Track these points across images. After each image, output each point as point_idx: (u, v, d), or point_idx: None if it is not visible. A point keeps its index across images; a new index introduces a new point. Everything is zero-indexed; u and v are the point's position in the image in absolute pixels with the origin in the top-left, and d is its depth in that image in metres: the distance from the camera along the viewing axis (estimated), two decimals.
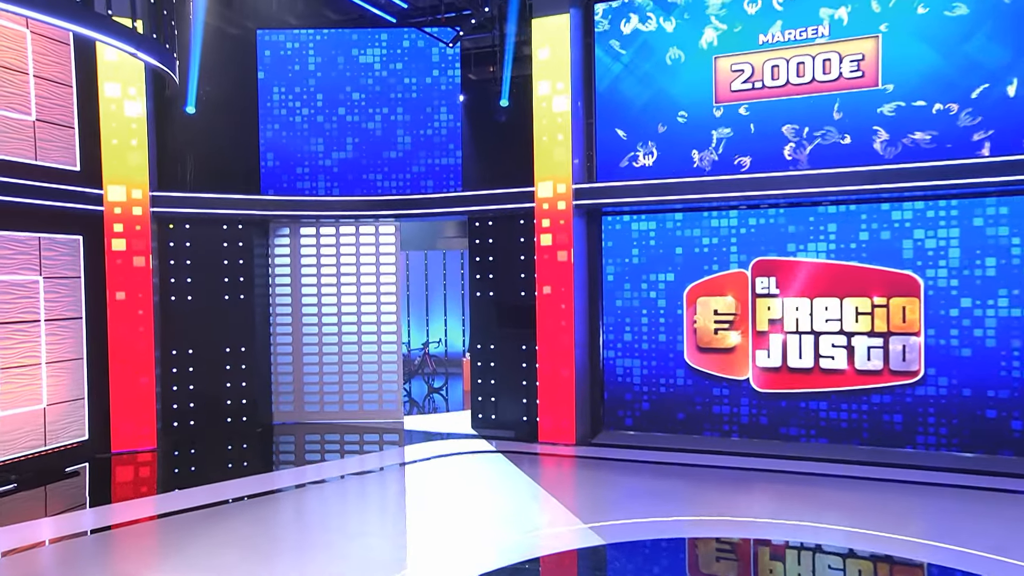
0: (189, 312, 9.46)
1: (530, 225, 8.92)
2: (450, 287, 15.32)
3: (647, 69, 8.63)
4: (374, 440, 9.38)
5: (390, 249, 10.16)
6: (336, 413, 10.27)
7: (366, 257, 10.20)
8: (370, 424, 10.12)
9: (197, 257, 9.53)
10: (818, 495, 6.73)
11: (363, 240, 10.19)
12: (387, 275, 10.22)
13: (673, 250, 8.76)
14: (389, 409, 10.24)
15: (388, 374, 10.16)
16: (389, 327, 10.18)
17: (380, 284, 10.16)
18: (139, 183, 8.75)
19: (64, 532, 6.15)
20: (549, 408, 8.65)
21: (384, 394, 10.18)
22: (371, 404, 10.29)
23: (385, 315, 10.16)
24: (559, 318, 8.57)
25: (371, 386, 10.24)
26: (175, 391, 9.48)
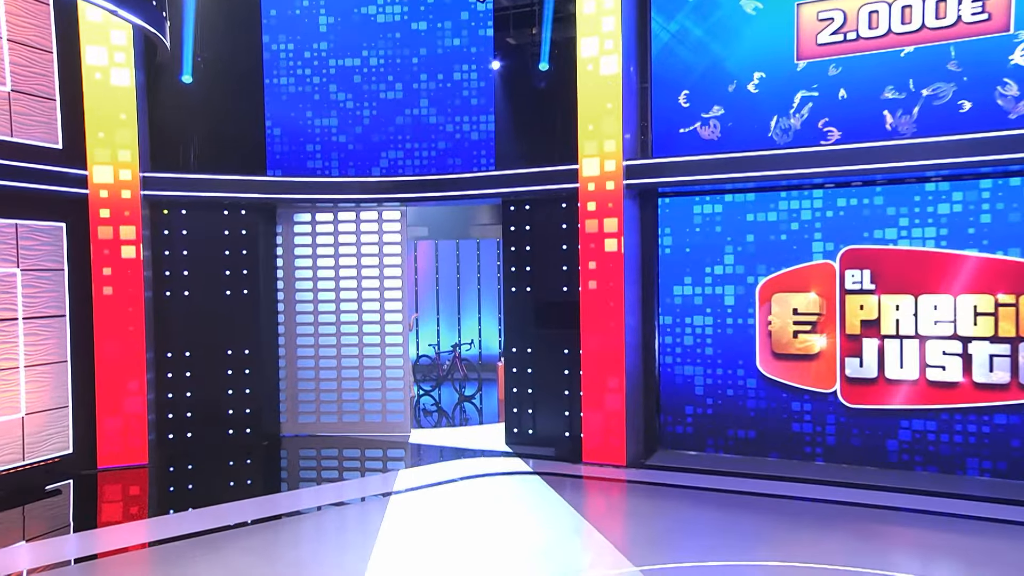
0: (186, 309, 9.34)
1: (573, 209, 8.64)
2: (485, 281, 15.22)
3: (713, 22, 8.24)
4: (399, 457, 9.21)
5: (395, 238, 9.95)
6: (356, 424, 10.11)
7: (369, 247, 10.03)
8: (391, 438, 9.96)
9: (195, 247, 9.39)
10: (925, 538, 6.21)
11: (367, 228, 10.01)
12: (391, 267, 10.01)
13: (743, 237, 8.39)
14: (395, 421, 10.09)
15: (393, 380, 10.02)
16: (393, 325, 9.98)
17: (384, 278, 9.97)
18: (128, 163, 8.59)
19: (43, 561, 6.04)
20: (595, 423, 8.37)
21: (392, 404, 10.02)
22: (395, 415, 10.12)
23: (389, 312, 9.98)
24: (607, 317, 8.25)
25: (375, 395, 10.13)
26: (170, 399, 9.36)
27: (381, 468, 8.86)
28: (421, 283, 15.28)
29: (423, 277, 15.34)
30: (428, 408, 12.26)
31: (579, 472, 8.12)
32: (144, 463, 8.69)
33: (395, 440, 9.89)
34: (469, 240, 15.19)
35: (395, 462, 9.01)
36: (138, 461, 8.68)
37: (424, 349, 14.50)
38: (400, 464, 8.85)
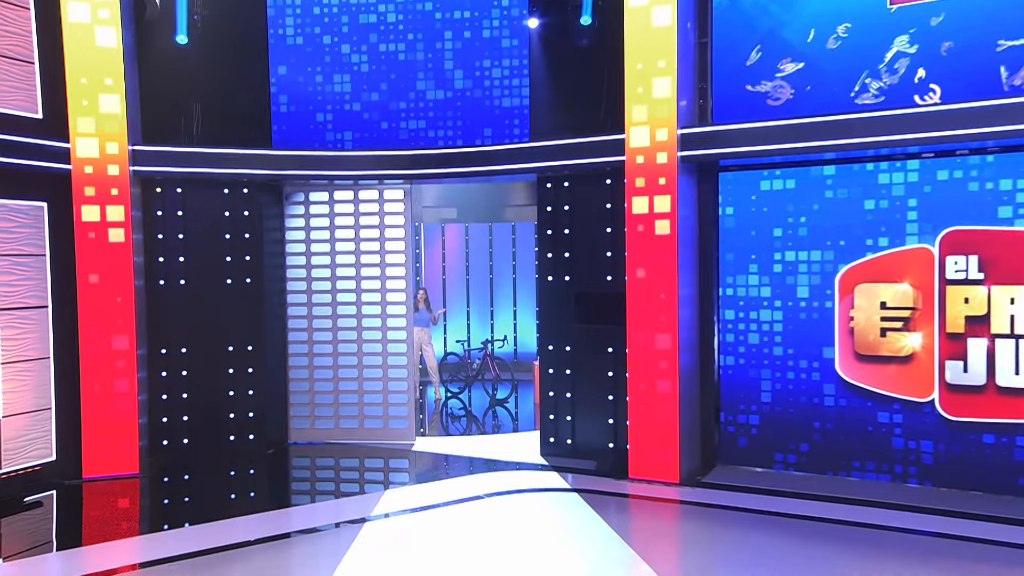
0: (182, 300, 9.26)
1: (619, 186, 8.37)
2: (521, 270, 15.15)
3: None
4: (418, 470, 9.08)
5: (397, 220, 9.82)
6: (379, 431, 9.99)
7: (369, 231, 9.92)
8: (412, 448, 9.82)
9: (191, 230, 9.29)
10: None
11: (373, 208, 9.89)
12: (394, 253, 9.86)
13: (821, 218, 8.01)
14: (397, 428, 9.96)
15: (396, 381, 9.92)
16: (396, 319, 9.86)
17: (385, 265, 9.84)
18: (115, 134, 8.45)
19: None
20: (643, 433, 8.11)
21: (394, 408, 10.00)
22: (400, 421, 10.00)
23: (392, 304, 9.88)
24: (657, 311, 7.95)
25: (377, 397, 10.03)
26: (164, 400, 9.30)
27: (402, 481, 8.73)
28: (449, 271, 15.22)
29: (451, 264, 15.26)
30: (456, 412, 12.17)
31: (624, 490, 7.89)
32: (135, 473, 8.64)
33: (415, 450, 9.72)
34: (503, 223, 15.07)
35: (410, 475, 8.89)
36: (128, 470, 8.63)
37: (452, 346, 14.39)
38: (429, 477, 8.71)
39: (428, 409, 12.36)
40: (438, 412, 12.06)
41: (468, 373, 13.40)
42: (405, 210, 9.79)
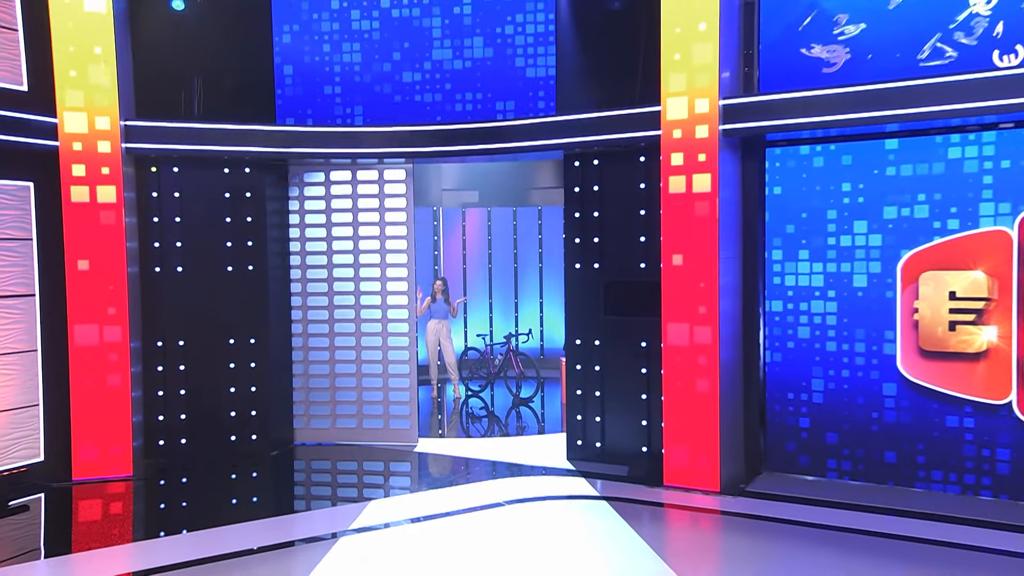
0: (179, 289, 9.23)
1: (654, 163, 8.24)
2: (548, 258, 15.14)
3: None
4: (439, 473, 9.07)
5: (398, 203, 9.75)
6: (382, 432, 9.97)
7: (367, 214, 9.84)
8: (420, 451, 9.81)
9: (190, 212, 9.25)
10: None
11: (372, 190, 9.84)
12: (396, 239, 9.80)
13: (882, 198, 7.75)
14: (400, 431, 9.98)
15: (397, 378, 9.90)
16: (398, 309, 9.85)
17: (386, 252, 9.80)
18: (106, 108, 8.38)
19: None
20: (680, 435, 7.99)
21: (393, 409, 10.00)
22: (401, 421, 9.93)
23: (393, 293, 9.85)
24: (696, 301, 7.80)
25: (400, 395, 9.98)
26: (160, 397, 9.27)
27: (409, 487, 8.70)
28: (471, 259, 15.23)
29: (473, 252, 15.26)
30: (476, 412, 12.13)
31: (659, 498, 7.79)
32: (128, 475, 8.65)
33: (423, 452, 9.69)
34: (529, 208, 15.04)
35: (424, 480, 8.86)
36: (121, 472, 8.63)
37: (472, 340, 14.38)
38: (445, 482, 8.68)
39: (447, 409, 12.39)
40: (457, 412, 12.07)
41: (489, 370, 13.35)
42: (407, 192, 9.70)
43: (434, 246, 14.80)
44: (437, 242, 14.76)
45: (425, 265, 14.55)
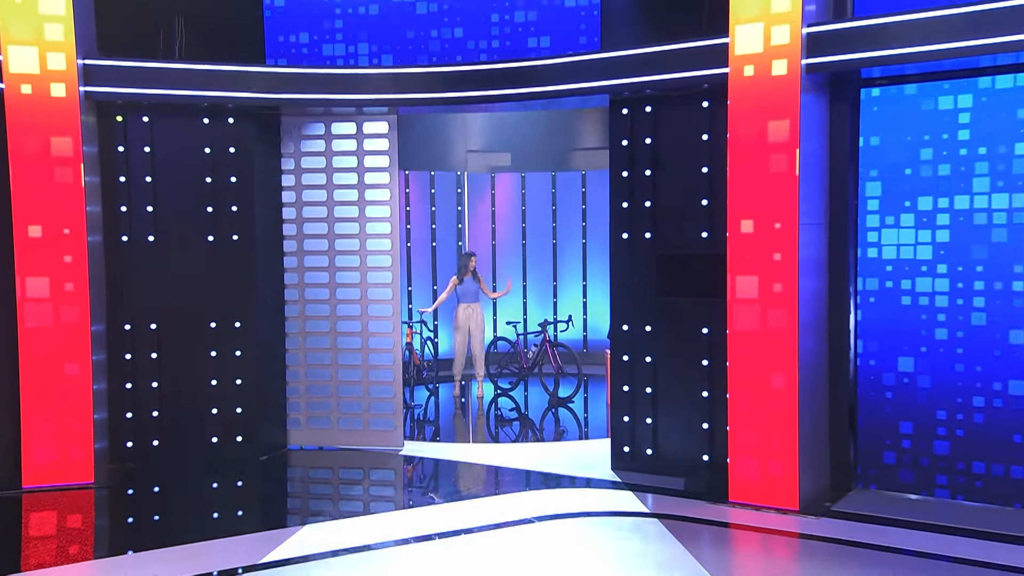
0: (151, 262, 9.24)
1: (720, 109, 8.06)
2: (593, 232, 15.14)
3: None
4: (468, 485, 9.16)
5: (381, 161, 9.71)
6: (383, 435, 9.98)
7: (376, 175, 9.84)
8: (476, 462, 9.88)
9: (163, 170, 9.23)
10: None
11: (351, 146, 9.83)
12: (378, 222, 9.77)
13: (1010, 148, 7.53)
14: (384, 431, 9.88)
15: (379, 369, 9.93)
16: (381, 288, 9.88)
17: (366, 221, 9.78)
18: (60, 43, 8.34)
19: None
20: (750, 442, 7.86)
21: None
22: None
23: (375, 271, 9.86)
24: (771, 279, 7.65)
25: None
26: (128, 391, 9.26)
27: (428, 497, 8.72)
28: (501, 234, 15.27)
29: (504, 225, 15.29)
30: (506, 415, 12.17)
31: (723, 518, 7.66)
32: (90, 482, 8.66)
33: (467, 461, 9.70)
34: (571, 172, 15.18)
35: (448, 490, 8.95)
36: (81, 479, 8.65)
37: (502, 329, 14.33)
38: (475, 493, 8.80)
39: (471, 409, 12.50)
40: (483, 413, 12.12)
41: (522, 365, 13.29)
42: (389, 148, 9.67)
43: (457, 218, 14.86)
44: (461, 213, 14.78)
45: (446, 241, 14.64)
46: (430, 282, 14.32)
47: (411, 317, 13.79)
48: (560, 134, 14.72)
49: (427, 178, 14.30)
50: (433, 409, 12.34)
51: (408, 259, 14.13)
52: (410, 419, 11.54)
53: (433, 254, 14.39)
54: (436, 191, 14.34)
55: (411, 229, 14.17)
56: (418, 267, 14.33)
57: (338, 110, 9.64)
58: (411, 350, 12.67)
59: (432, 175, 14.28)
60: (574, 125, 14.67)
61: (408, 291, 14.09)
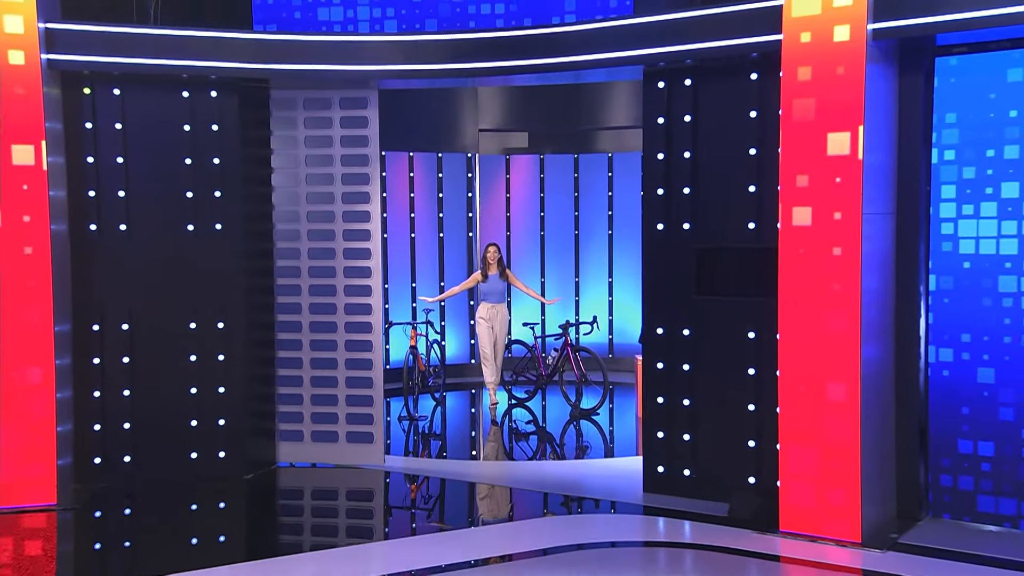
0: (123, 254, 9.20)
1: (771, 82, 8.02)
2: (621, 222, 15.22)
3: None
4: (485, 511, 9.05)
5: (359, 143, 9.78)
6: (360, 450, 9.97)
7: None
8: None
9: (137, 151, 9.19)
10: None
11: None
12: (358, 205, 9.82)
13: None
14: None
15: (358, 376, 9.95)
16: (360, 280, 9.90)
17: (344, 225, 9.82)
18: (18, 4, 8.34)
19: None
20: (804, 463, 7.77)
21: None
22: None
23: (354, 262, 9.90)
24: (829, 276, 7.58)
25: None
26: (97, 400, 9.22)
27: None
28: (516, 223, 15.26)
29: (519, 213, 15.32)
30: (522, 428, 12.14)
31: (773, 550, 7.57)
32: (52, 504, 8.61)
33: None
34: (596, 155, 15.26)
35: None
36: (43, 500, 8.61)
37: (518, 332, 14.31)
38: (477, 523, 8.93)
39: (483, 420, 12.63)
40: (496, 426, 12.14)
41: (540, 372, 13.22)
42: (369, 127, 9.69)
43: (468, 205, 14.91)
44: (472, 200, 14.83)
45: (454, 231, 14.70)
46: (436, 278, 14.33)
47: (415, 317, 13.71)
48: (584, 111, 14.70)
49: (434, 160, 14.33)
50: (439, 421, 12.35)
51: (412, 252, 14.20)
52: (414, 432, 11.58)
53: (440, 246, 14.42)
54: (444, 175, 14.37)
55: (415, 218, 14.23)
56: (423, 261, 14.37)
57: (334, 83, 9.65)
58: (415, 354, 12.56)
59: (439, 157, 14.31)
60: (600, 101, 14.68)
61: (412, 288, 14.14)
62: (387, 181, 13.82)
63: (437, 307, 13.72)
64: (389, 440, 11.35)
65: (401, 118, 13.56)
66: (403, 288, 14.20)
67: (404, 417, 12.08)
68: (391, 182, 13.97)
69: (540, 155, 14.98)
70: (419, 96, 13.36)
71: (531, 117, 14.35)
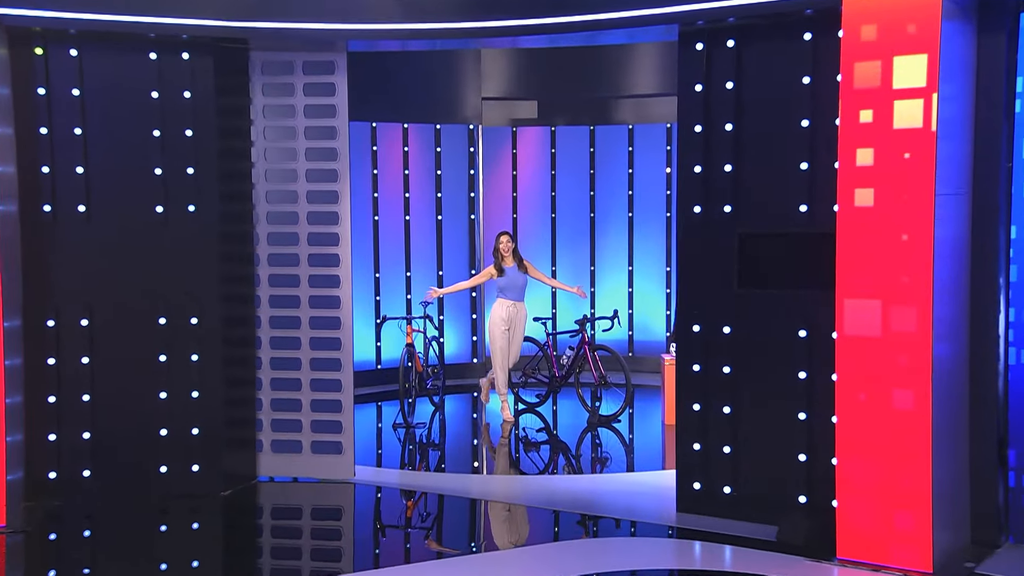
0: (81, 239, 9.18)
1: (828, 43, 7.97)
2: (642, 203, 15.48)
3: None
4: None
5: (326, 111, 9.79)
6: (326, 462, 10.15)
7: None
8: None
9: (97, 120, 9.16)
10: None
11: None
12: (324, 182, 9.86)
13: None
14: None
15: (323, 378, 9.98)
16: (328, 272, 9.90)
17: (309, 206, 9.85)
18: None
19: None
20: (864, 480, 7.68)
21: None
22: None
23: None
24: (895, 267, 7.50)
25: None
26: (52, 406, 9.19)
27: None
28: (524, 204, 15.37)
29: (527, 192, 15.42)
30: (532, 437, 12.21)
31: None
32: (0, 525, 8.64)
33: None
34: (614, 127, 15.43)
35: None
36: None
37: (528, 327, 14.24)
38: (481, 547, 8.89)
39: (486, 428, 12.72)
40: (506, 436, 12.17)
41: (553, 373, 13.20)
42: (337, 95, 9.65)
43: (469, 184, 14.97)
44: (474, 178, 14.89)
45: (454, 213, 14.72)
46: (434, 267, 14.39)
47: (410, 311, 13.64)
48: (601, 77, 14.75)
49: (431, 133, 14.39)
50: (438, 429, 12.40)
51: (407, 237, 14.27)
52: (410, 442, 11.61)
53: (438, 230, 14.50)
54: (442, 150, 14.44)
55: (410, 199, 14.30)
56: (418, 247, 14.45)
57: (314, 45, 9.64)
58: (412, 353, 12.47)
59: (437, 129, 14.40)
60: (620, 65, 14.78)
61: (407, 277, 14.12)
62: (378, 156, 13.95)
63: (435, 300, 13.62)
64: (381, 450, 11.53)
65: (394, 85, 13.58)
66: (397, 278, 14.25)
67: (399, 424, 12.09)
68: (383, 158, 14.04)
69: (551, 127, 15.05)
70: (414, 60, 13.40)
71: (541, 84, 14.49)
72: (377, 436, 12.28)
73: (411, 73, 13.71)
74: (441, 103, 14.39)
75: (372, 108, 13.65)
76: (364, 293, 13.94)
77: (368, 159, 14.04)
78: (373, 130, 13.94)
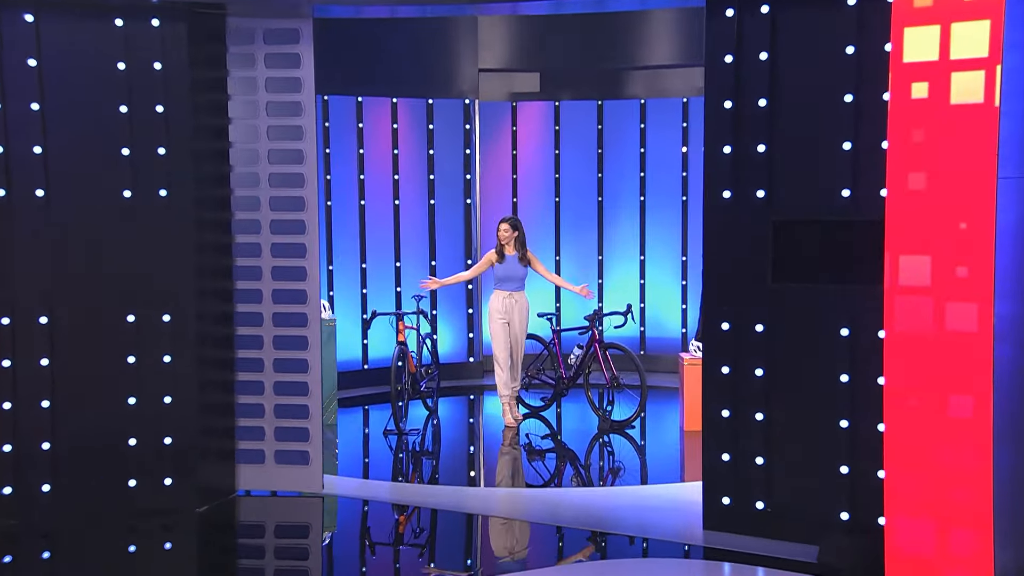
0: (41, 227, 9.10)
1: (873, 8, 7.94)
2: (655, 186, 15.65)
3: None
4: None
5: (289, 85, 9.78)
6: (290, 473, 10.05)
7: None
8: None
9: (57, 95, 9.08)
10: None
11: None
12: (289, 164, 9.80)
13: None
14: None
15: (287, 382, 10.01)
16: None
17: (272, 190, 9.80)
18: None
19: None
20: (916, 494, 7.54)
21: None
22: None
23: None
24: (951, 256, 7.33)
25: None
26: (8, 413, 9.05)
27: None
28: (524, 186, 15.41)
29: (528, 174, 15.50)
30: (537, 445, 12.29)
31: None
32: None
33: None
34: (625, 101, 15.56)
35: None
36: None
37: (532, 324, 14.42)
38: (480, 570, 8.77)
39: (485, 433, 12.97)
40: (513, 443, 12.15)
41: (560, 373, 13.23)
42: (302, 66, 9.64)
43: (465, 164, 14.99)
44: (470, 158, 14.89)
45: (448, 196, 14.75)
46: (426, 256, 14.38)
47: (400, 305, 13.61)
48: (610, 46, 14.86)
49: (423, 108, 14.39)
50: (431, 436, 12.41)
51: (396, 223, 14.28)
52: (403, 450, 11.62)
53: (431, 216, 14.52)
54: (435, 127, 14.46)
55: (399, 181, 14.32)
56: (409, 235, 14.47)
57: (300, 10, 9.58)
58: (404, 352, 12.32)
59: (430, 104, 14.42)
60: (631, 33, 14.94)
61: (396, 267, 14.15)
62: (364, 134, 13.99)
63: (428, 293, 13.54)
64: (368, 459, 11.53)
65: (382, 55, 13.56)
66: (385, 268, 14.27)
67: (390, 431, 12.04)
68: (369, 136, 14.07)
69: (555, 102, 15.23)
70: (404, 28, 13.43)
71: (544, 54, 14.58)
72: (364, 444, 12.28)
73: (401, 42, 13.72)
74: (434, 75, 14.42)
75: (358, 81, 13.67)
76: (350, 286, 13.97)
77: (354, 137, 14.05)
78: (359, 105, 13.96)
